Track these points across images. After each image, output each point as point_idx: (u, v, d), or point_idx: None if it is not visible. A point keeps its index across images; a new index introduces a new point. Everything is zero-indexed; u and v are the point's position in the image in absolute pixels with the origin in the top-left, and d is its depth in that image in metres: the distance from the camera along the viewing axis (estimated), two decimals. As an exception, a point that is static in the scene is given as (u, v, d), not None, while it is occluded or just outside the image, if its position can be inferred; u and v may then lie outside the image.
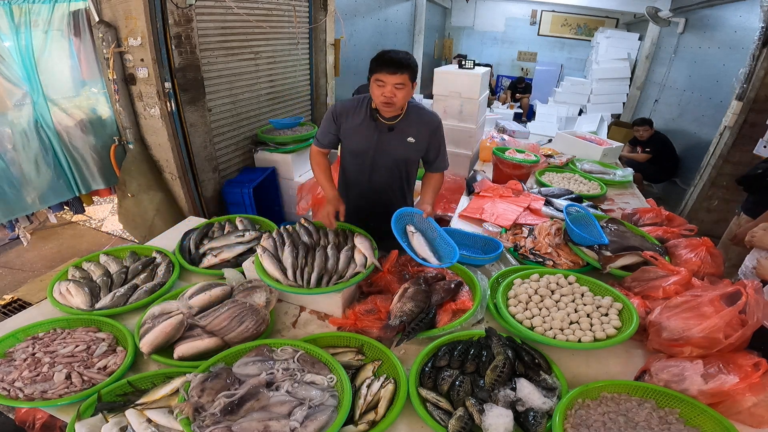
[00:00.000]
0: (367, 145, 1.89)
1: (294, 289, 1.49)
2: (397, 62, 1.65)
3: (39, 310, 1.59)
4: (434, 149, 1.94)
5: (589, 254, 1.79)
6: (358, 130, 1.89)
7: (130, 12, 2.62)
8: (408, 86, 1.70)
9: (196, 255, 1.87)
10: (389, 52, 1.68)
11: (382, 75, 1.66)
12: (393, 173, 1.98)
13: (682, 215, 3.89)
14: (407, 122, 1.85)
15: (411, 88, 1.73)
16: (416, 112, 1.87)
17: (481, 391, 1.19)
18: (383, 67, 1.66)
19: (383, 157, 1.91)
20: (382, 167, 1.94)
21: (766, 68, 3.28)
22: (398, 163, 1.94)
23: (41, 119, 2.72)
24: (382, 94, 1.69)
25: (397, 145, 1.88)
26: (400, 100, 1.71)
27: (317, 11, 4.34)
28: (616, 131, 6.13)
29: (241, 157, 3.86)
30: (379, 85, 1.69)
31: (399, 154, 1.91)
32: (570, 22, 8.78)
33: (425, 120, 1.87)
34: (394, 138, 1.87)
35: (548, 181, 2.95)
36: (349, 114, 1.89)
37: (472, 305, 1.48)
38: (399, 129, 1.86)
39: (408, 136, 1.86)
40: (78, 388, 1.20)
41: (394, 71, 1.65)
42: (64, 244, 3.79)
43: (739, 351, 1.21)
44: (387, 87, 1.67)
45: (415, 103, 1.91)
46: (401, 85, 1.67)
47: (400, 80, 1.66)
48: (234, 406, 1.05)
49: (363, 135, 1.88)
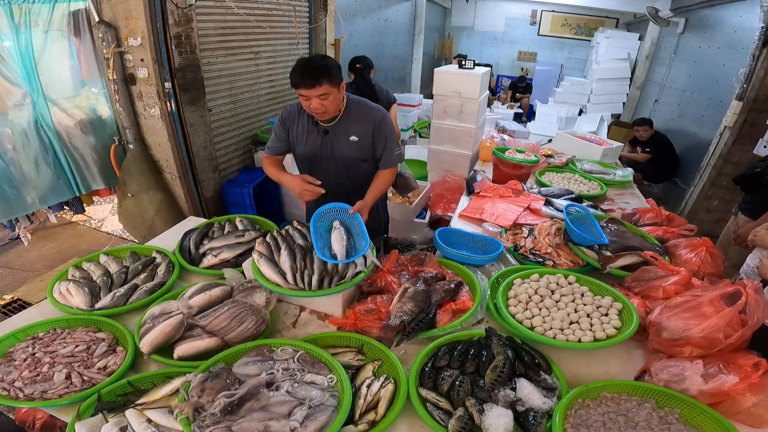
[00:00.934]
0: (312, 149, 1.88)
1: (296, 292, 1.48)
2: (313, 75, 1.59)
3: (39, 310, 1.59)
4: (380, 144, 1.87)
5: (589, 254, 1.79)
6: (302, 135, 1.88)
7: (130, 12, 2.63)
8: (333, 93, 1.65)
9: (196, 255, 1.87)
10: (305, 64, 1.63)
11: (303, 90, 1.63)
12: (341, 174, 1.94)
13: (682, 215, 3.89)
14: (347, 121, 1.82)
15: (338, 92, 1.68)
16: (357, 109, 1.83)
17: (481, 391, 1.19)
18: (300, 82, 1.61)
19: (328, 160, 1.89)
20: (329, 169, 1.92)
21: (766, 68, 3.27)
22: (345, 162, 1.90)
23: (41, 119, 2.72)
24: (309, 107, 1.67)
25: (340, 145, 1.85)
26: (329, 107, 1.68)
27: (317, 11, 4.35)
28: (616, 131, 6.13)
29: (241, 157, 3.86)
30: (304, 100, 1.66)
31: (343, 154, 1.87)
32: (570, 22, 8.78)
33: (367, 116, 1.82)
34: (336, 139, 1.84)
35: (548, 181, 2.95)
36: (294, 119, 1.88)
37: (472, 305, 1.48)
38: (339, 129, 1.83)
39: (350, 135, 1.82)
40: (78, 388, 1.20)
41: (312, 84, 1.60)
42: (64, 244, 3.79)
43: (739, 351, 1.21)
44: (312, 100, 1.65)
45: (355, 99, 1.86)
46: (324, 95, 1.63)
47: (322, 91, 1.62)
48: (234, 406, 1.05)
49: (307, 140, 1.87)
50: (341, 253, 1.51)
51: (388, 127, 1.86)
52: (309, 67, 1.61)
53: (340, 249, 1.53)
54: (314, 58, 1.67)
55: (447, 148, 3.78)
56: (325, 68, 1.62)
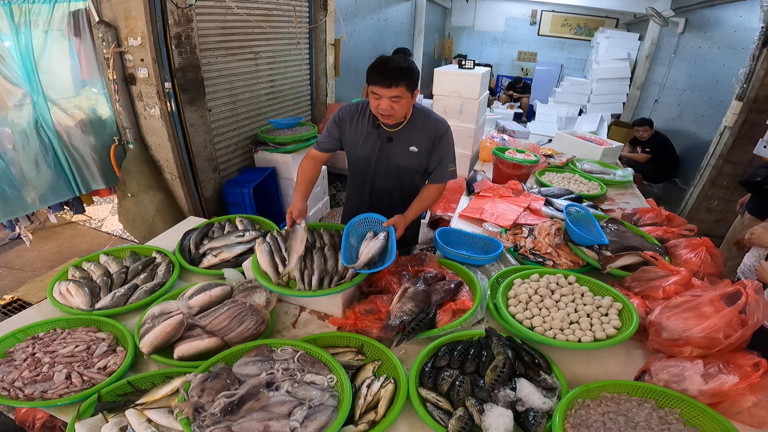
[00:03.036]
0: (369, 153, 1.82)
1: (298, 292, 1.48)
2: (392, 75, 1.53)
3: (39, 310, 1.59)
4: (435, 158, 1.82)
5: (589, 254, 1.79)
6: (360, 137, 1.81)
7: (130, 12, 2.62)
8: (406, 97, 1.60)
9: (196, 255, 1.87)
10: (386, 62, 1.56)
11: (377, 88, 1.56)
12: (393, 182, 1.89)
13: (682, 215, 3.89)
14: (410, 130, 1.76)
15: (412, 98, 1.63)
16: (422, 120, 1.77)
17: (481, 391, 1.19)
18: (378, 79, 1.55)
19: (384, 166, 1.84)
20: (382, 175, 1.87)
21: (766, 68, 3.27)
22: (399, 172, 1.86)
23: (41, 119, 2.72)
24: (378, 106, 1.61)
25: (399, 153, 1.80)
26: (398, 112, 1.62)
27: (317, 11, 4.35)
28: (616, 131, 6.14)
29: (241, 157, 3.86)
30: (375, 98, 1.61)
31: (400, 164, 1.83)
32: (570, 22, 8.78)
33: (430, 128, 1.76)
34: (396, 147, 1.79)
35: (548, 181, 2.95)
36: (352, 120, 1.82)
37: (472, 305, 1.48)
38: (401, 137, 1.77)
39: (411, 145, 1.77)
40: (78, 388, 1.20)
41: (389, 84, 1.54)
42: (64, 244, 3.79)
43: (739, 351, 1.21)
44: (383, 100, 1.58)
45: (421, 108, 1.80)
46: (398, 98, 1.57)
47: (397, 93, 1.56)
48: (234, 406, 1.06)
49: (365, 143, 1.81)
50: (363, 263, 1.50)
51: (448, 140, 1.81)
52: (390, 66, 1.55)
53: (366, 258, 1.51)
54: (396, 57, 1.59)
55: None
56: (407, 71, 1.56)
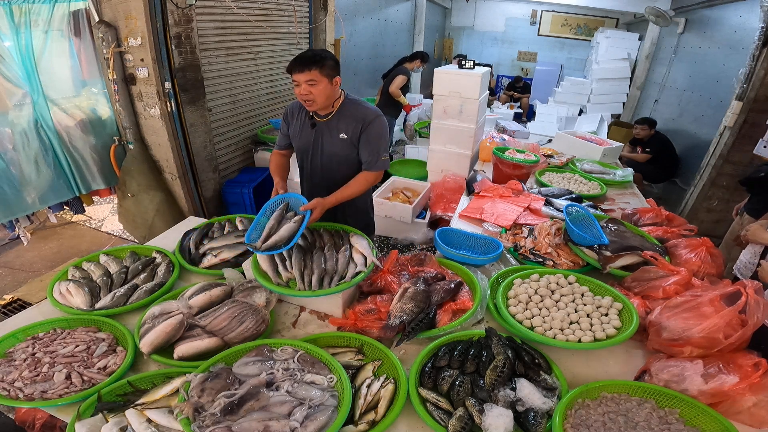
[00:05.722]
0: (306, 143, 1.93)
1: (298, 292, 1.48)
2: (305, 61, 1.67)
3: (39, 310, 1.58)
4: (364, 145, 1.86)
5: (589, 254, 1.79)
6: (299, 129, 1.94)
7: (130, 12, 2.63)
8: (322, 82, 1.70)
9: (196, 255, 1.87)
10: (304, 53, 1.71)
11: (295, 75, 1.70)
12: (331, 170, 1.97)
13: (682, 215, 3.89)
14: (338, 118, 1.85)
15: (329, 83, 1.72)
16: (351, 108, 1.86)
17: (481, 391, 1.19)
18: (293, 67, 1.69)
19: (319, 155, 1.94)
20: (319, 165, 1.96)
21: (766, 68, 3.27)
22: (333, 160, 1.93)
23: (41, 119, 2.72)
24: (299, 93, 1.73)
25: (330, 141, 1.89)
26: (318, 96, 1.72)
27: (317, 11, 4.35)
28: (616, 131, 6.13)
29: (241, 157, 3.86)
30: (296, 86, 1.73)
31: (333, 151, 1.91)
32: (570, 22, 8.78)
33: (359, 115, 1.84)
34: (327, 134, 1.88)
35: (548, 181, 2.95)
36: (294, 115, 1.96)
37: (472, 305, 1.48)
38: (330, 125, 1.87)
39: (340, 132, 1.86)
40: (78, 388, 1.20)
41: (302, 69, 1.67)
42: (64, 244, 3.79)
43: (739, 351, 1.21)
44: (301, 86, 1.70)
45: (353, 98, 1.90)
46: (312, 81, 1.68)
47: (310, 77, 1.67)
48: (234, 406, 1.05)
49: (302, 133, 1.93)
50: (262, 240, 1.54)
51: (378, 129, 1.86)
52: (306, 55, 1.70)
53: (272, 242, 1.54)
54: (314, 50, 1.75)
55: (447, 148, 3.78)
56: (319, 58, 1.69)
